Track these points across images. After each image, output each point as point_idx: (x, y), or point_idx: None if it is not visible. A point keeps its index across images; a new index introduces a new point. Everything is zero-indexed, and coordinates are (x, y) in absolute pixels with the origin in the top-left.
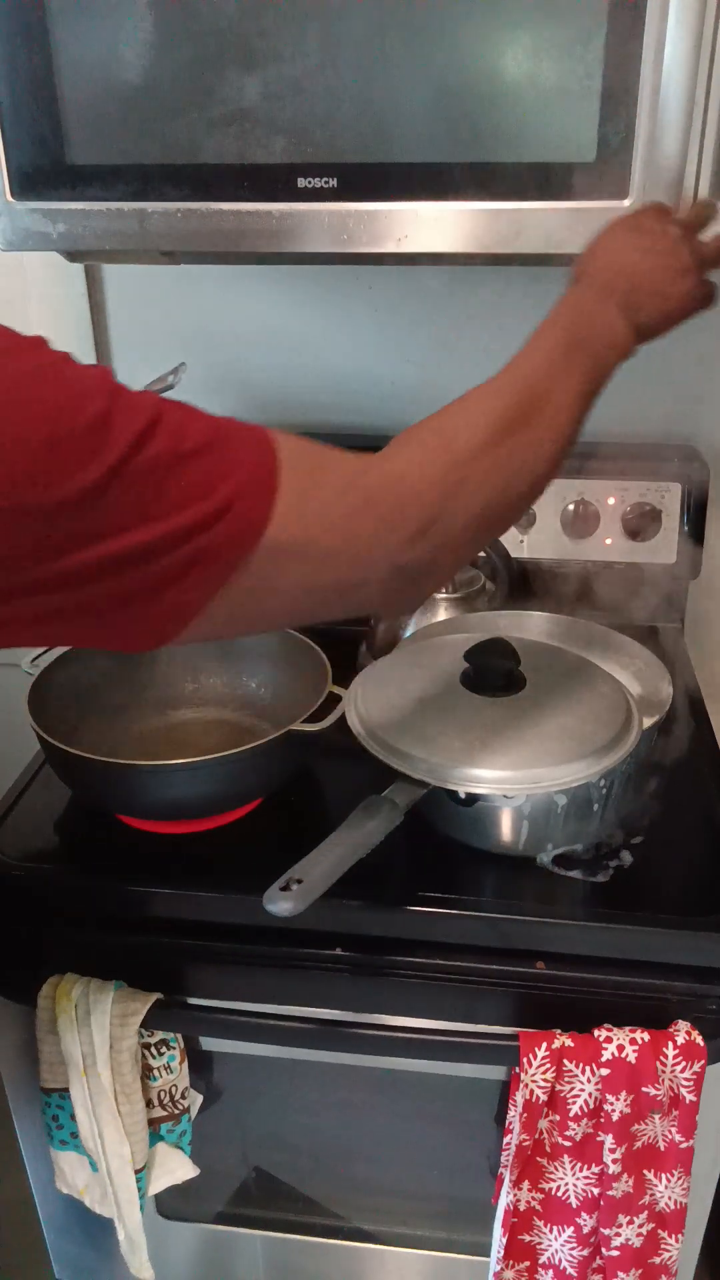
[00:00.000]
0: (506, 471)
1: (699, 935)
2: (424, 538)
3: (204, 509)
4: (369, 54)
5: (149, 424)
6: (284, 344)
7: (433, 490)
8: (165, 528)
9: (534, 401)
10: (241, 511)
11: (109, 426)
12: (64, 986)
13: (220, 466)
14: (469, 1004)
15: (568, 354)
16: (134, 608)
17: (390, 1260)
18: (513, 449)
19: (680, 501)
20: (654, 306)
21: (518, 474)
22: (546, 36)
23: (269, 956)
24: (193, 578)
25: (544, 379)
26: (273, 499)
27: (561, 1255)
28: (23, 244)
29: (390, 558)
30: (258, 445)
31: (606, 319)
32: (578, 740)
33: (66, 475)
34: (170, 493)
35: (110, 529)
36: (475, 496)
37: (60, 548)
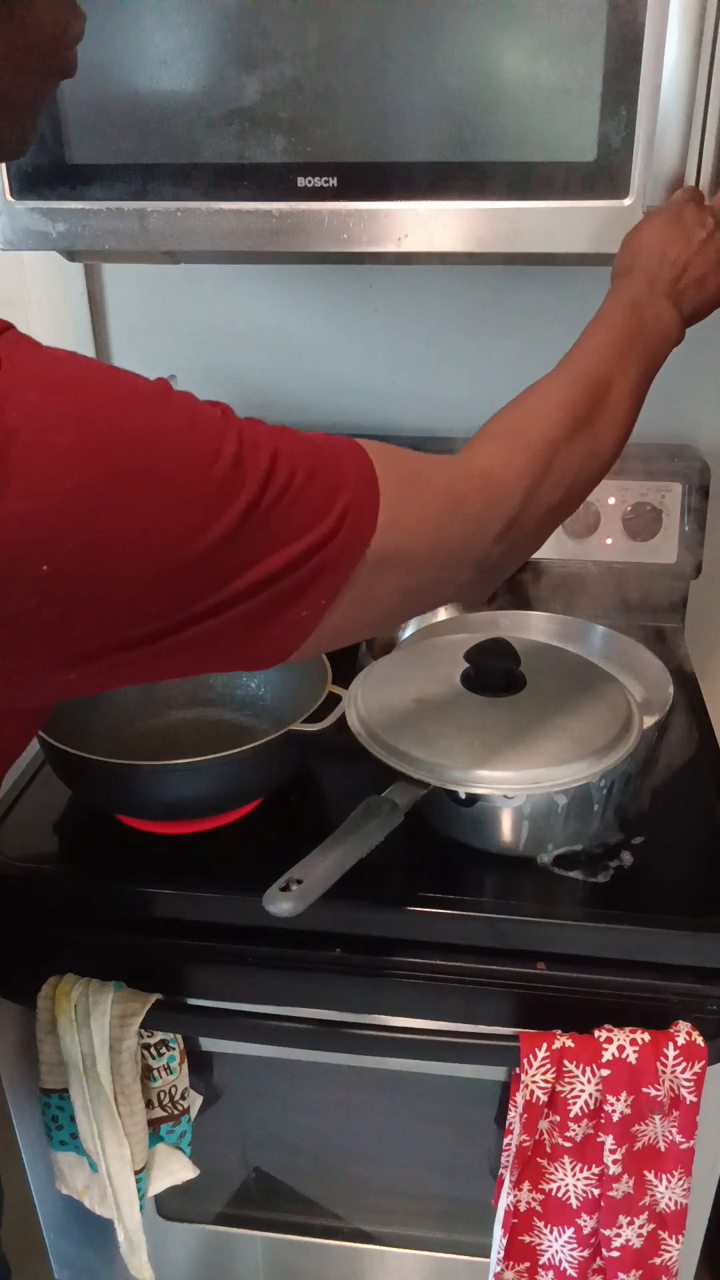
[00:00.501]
0: (578, 464)
1: (699, 935)
2: (507, 534)
3: (322, 529)
4: (369, 54)
5: (272, 459)
6: (284, 343)
7: (516, 489)
8: (292, 552)
9: (598, 395)
10: (352, 525)
11: (243, 469)
12: (64, 987)
13: (331, 486)
14: (469, 1004)
15: (626, 346)
16: (258, 631)
17: (390, 1261)
18: (583, 442)
19: (680, 501)
20: (696, 294)
21: (587, 465)
22: (546, 36)
23: (269, 957)
24: (312, 594)
25: (605, 372)
26: (375, 509)
27: (562, 1256)
28: (22, 244)
29: (476, 556)
30: (355, 459)
31: (658, 310)
32: (578, 740)
33: (213, 522)
34: (294, 519)
35: (245, 564)
36: (553, 491)
37: (200, 591)
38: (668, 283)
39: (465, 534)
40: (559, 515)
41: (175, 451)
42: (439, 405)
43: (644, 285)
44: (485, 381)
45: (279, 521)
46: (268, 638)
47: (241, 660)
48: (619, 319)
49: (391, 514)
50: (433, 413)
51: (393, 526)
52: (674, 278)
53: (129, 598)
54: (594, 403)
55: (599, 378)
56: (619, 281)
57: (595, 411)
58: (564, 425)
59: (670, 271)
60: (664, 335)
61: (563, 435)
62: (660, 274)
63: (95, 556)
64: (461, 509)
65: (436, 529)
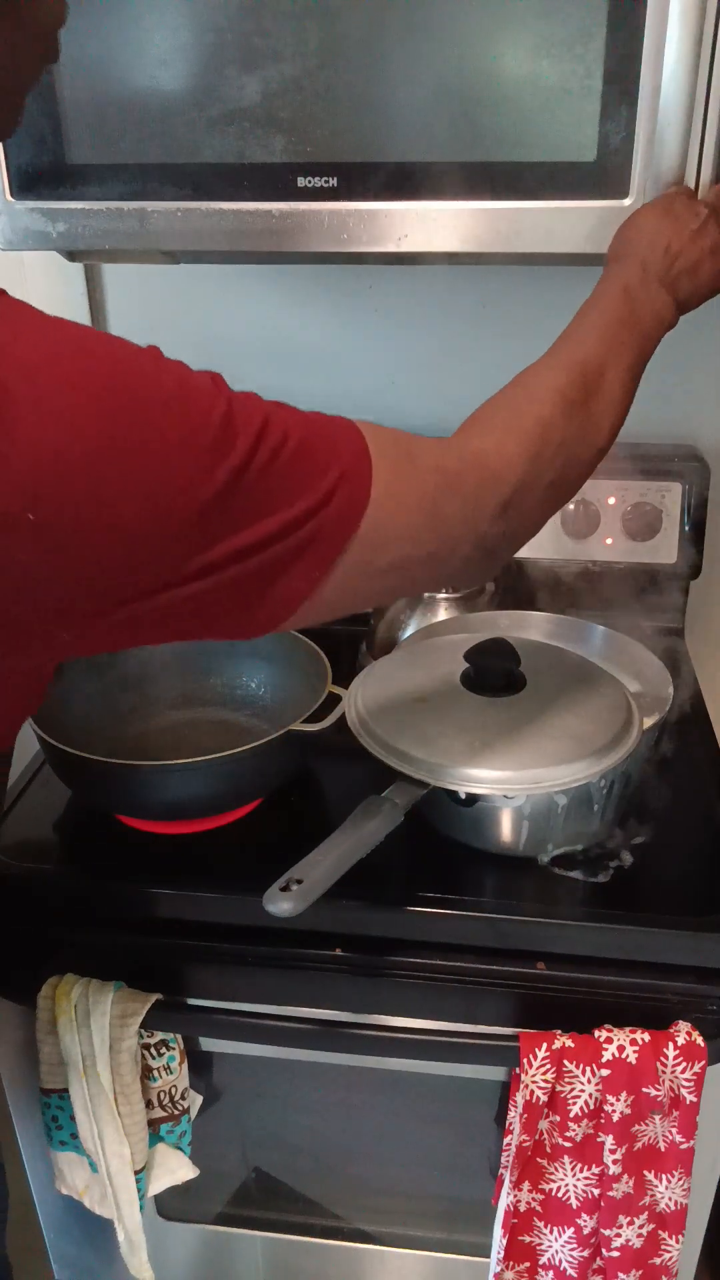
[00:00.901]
0: (572, 445)
1: (699, 935)
2: (504, 512)
3: (313, 497)
4: (369, 54)
5: (263, 424)
6: (284, 343)
7: (511, 468)
8: (284, 518)
9: (591, 376)
10: (345, 496)
11: (232, 430)
12: (64, 987)
13: (324, 456)
14: (469, 1004)
15: (617, 329)
16: (250, 597)
17: (390, 1261)
18: (577, 423)
19: (680, 501)
20: (690, 281)
21: (581, 446)
22: (546, 36)
23: (269, 957)
24: (304, 564)
25: (597, 354)
26: (369, 481)
27: (562, 1256)
28: (22, 244)
29: (474, 533)
30: (349, 433)
31: (650, 294)
32: (578, 740)
33: (205, 480)
34: (286, 485)
35: (237, 525)
36: (548, 471)
37: (192, 550)
38: (660, 269)
39: (461, 512)
40: (557, 496)
41: (167, 414)
42: (439, 405)
43: (636, 271)
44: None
45: (270, 486)
46: (261, 605)
47: (235, 626)
48: (610, 303)
49: (386, 489)
50: (433, 412)
51: (387, 501)
52: (667, 265)
53: (122, 554)
54: (587, 384)
55: (591, 360)
56: (611, 268)
57: (588, 393)
58: (557, 406)
59: (663, 259)
60: (657, 319)
61: (556, 416)
62: (652, 261)
63: (88, 513)
64: (457, 487)
65: (432, 506)
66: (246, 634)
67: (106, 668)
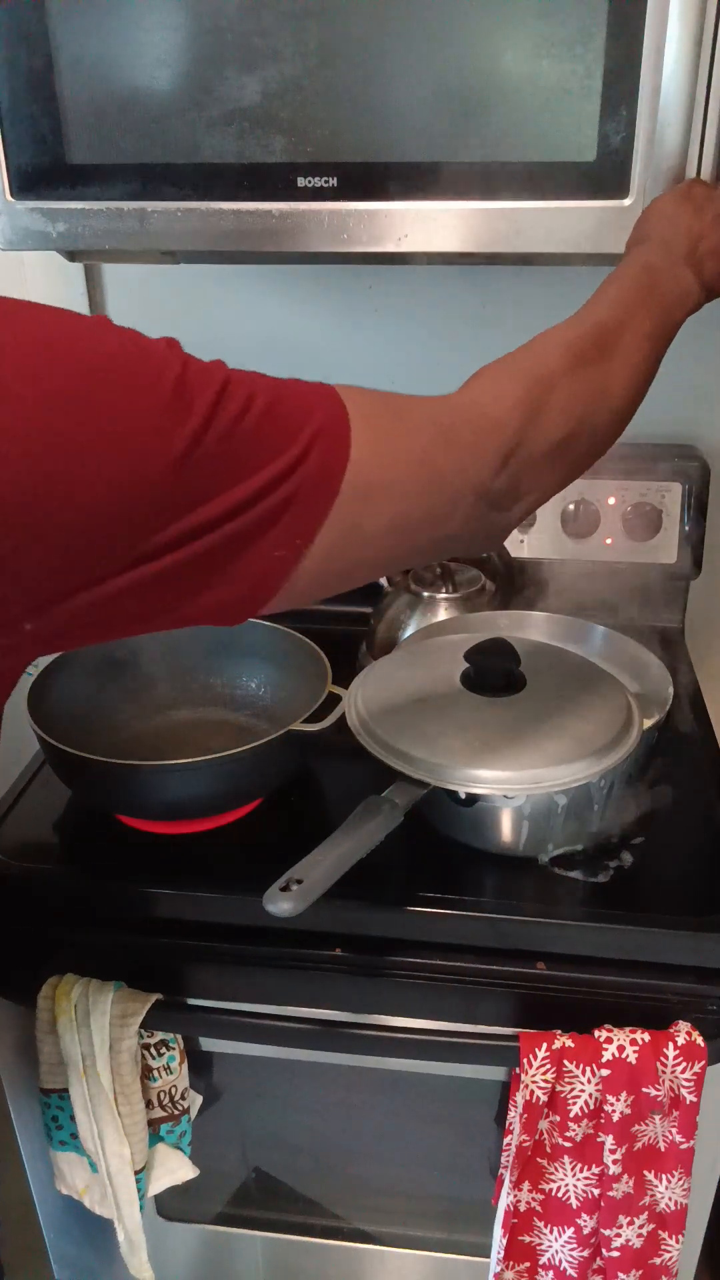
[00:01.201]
0: (584, 400)
1: (699, 935)
2: (506, 465)
3: (285, 460)
4: (369, 54)
5: (222, 385)
6: (284, 344)
7: (512, 416)
8: (254, 484)
9: (606, 336)
10: (320, 457)
11: (187, 393)
12: (63, 987)
13: (293, 418)
14: (469, 1004)
15: (639, 300)
16: (227, 570)
17: (390, 1261)
18: (588, 379)
19: (680, 501)
20: (715, 265)
21: (594, 404)
22: (546, 36)
23: (269, 957)
24: (282, 530)
25: (614, 317)
26: (347, 440)
27: (562, 1256)
28: (22, 244)
29: (475, 487)
30: (323, 394)
31: (674, 271)
32: (578, 740)
33: (162, 445)
34: (253, 449)
35: (205, 493)
36: (555, 424)
37: (158, 520)
38: (684, 250)
39: (458, 464)
40: (570, 458)
41: (115, 377)
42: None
43: (659, 250)
44: None
45: (236, 451)
46: (239, 579)
47: (216, 605)
48: (631, 276)
49: (370, 446)
50: None
51: (372, 458)
52: (690, 246)
53: (80, 529)
54: (600, 342)
55: (607, 321)
56: (631, 252)
57: (602, 351)
58: (564, 360)
59: (685, 240)
60: (680, 296)
61: (562, 369)
62: (675, 242)
63: (41, 486)
64: (451, 439)
65: (424, 459)
66: (234, 614)
67: (107, 667)
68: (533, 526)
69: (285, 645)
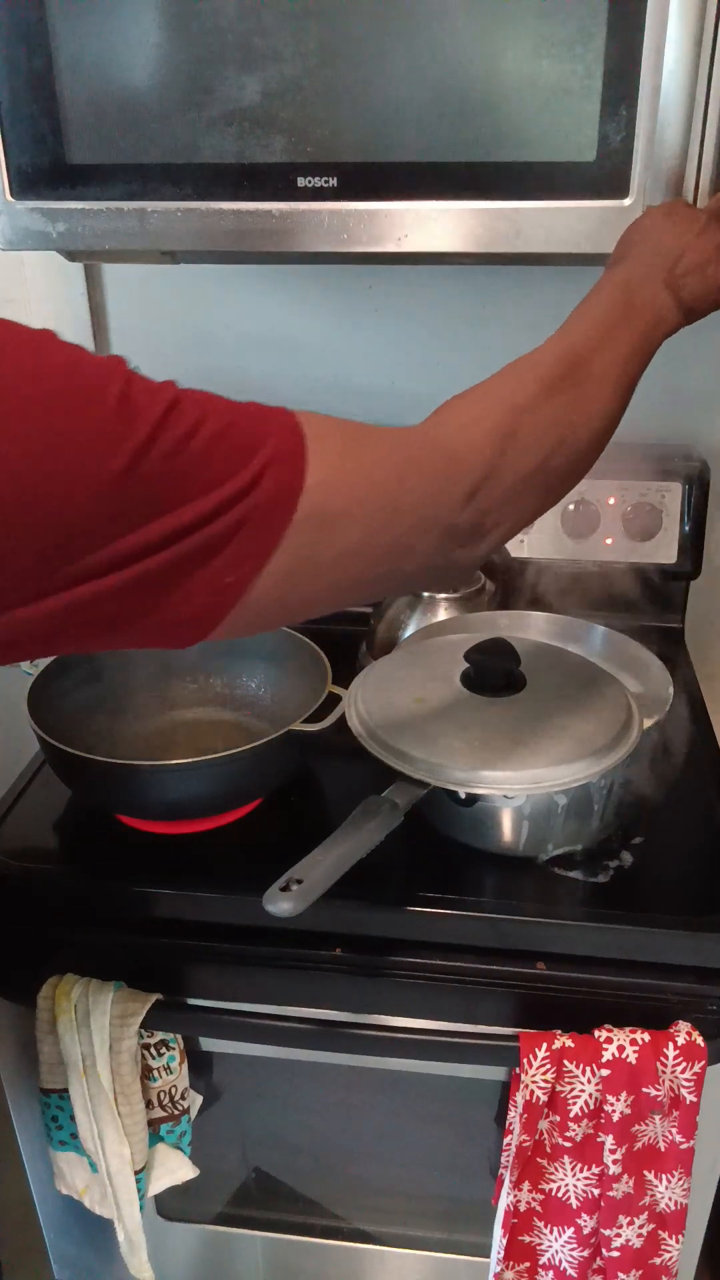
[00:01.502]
0: (556, 430)
1: (699, 935)
2: (472, 499)
3: (235, 484)
4: (369, 54)
5: (170, 405)
6: (284, 343)
7: (481, 447)
8: (201, 507)
9: (580, 362)
10: (273, 482)
11: (130, 410)
12: (63, 987)
13: (246, 442)
14: (469, 1004)
15: (615, 322)
16: (173, 593)
17: (390, 1261)
18: (560, 407)
19: (680, 501)
20: (697, 284)
21: (567, 434)
22: (546, 36)
23: (269, 957)
24: (231, 556)
25: (590, 342)
26: (302, 467)
27: (562, 1256)
28: (22, 244)
29: (440, 519)
30: (281, 419)
31: (652, 292)
32: (578, 740)
33: (102, 462)
34: (199, 472)
35: (148, 514)
36: (526, 454)
37: (97, 539)
38: (663, 269)
39: (422, 496)
40: (546, 486)
41: (54, 391)
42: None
43: (638, 269)
44: None
45: (182, 472)
46: (187, 602)
47: (161, 627)
48: (606, 297)
49: (327, 474)
50: None
51: (329, 485)
52: (670, 265)
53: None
54: (571, 370)
55: (579, 345)
56: (611, 269)
57: (573, 379)
58: (533, 390)
59: (665, 258)
60: (657, 317)
61: (531, 400)
62: (655, 261)
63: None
64: (414, 470)
65: (385, 490)
66: (181, 637)
67: (106, 668)
68: (533, 526)
69: (285, 645)
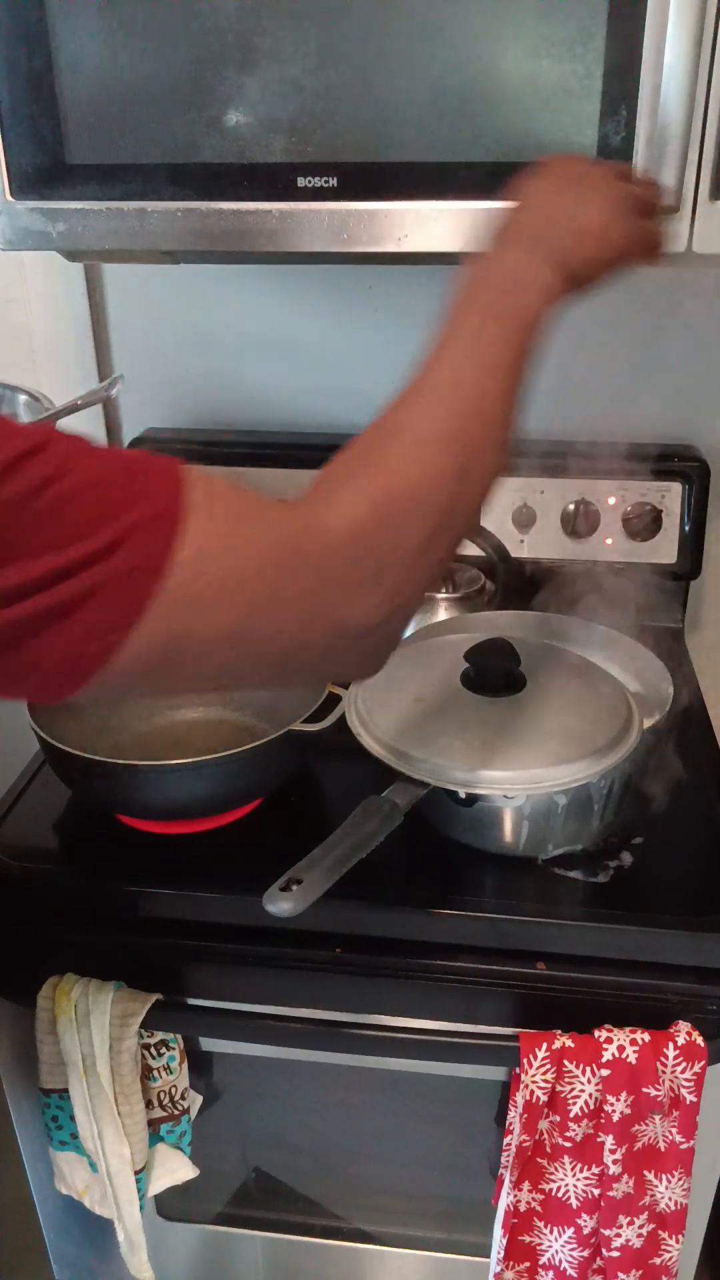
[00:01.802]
0: (450, 488)
1: (699, 935)
2: (366, 585)
3: (91, 545)
4: (369, 54)
5: (26, 452)
6: (284, 343)
7: (368, 532)
8: (46, 565)
9: (466, 405)
10: (135, 549)
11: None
12: (63, 987)
13: (111, 503)
14: (469, 1004)
15: (489, 334)
16: (23, 652)
17: (390, 1261)
18: (452, 461)
19: (680, 501)
20: (592, 249)
21: (462, 486)
22: (546, 36)
23: (269, 957)
24: (84, 622)
25: (471, 374)
26: (174, 534)
27: (562, 1256)
28: (22, 244)
29: (335, 616)
30: (163, 482)
31: (529, 275)
32: (578, 740)
33: None
34: (52, 526)
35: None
36: (419, 526)
37: None
38: (553, 239)
39: (312, 587)
40: (441, 545)
41: None
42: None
43: (518, 250)
44: None
45: (28, 522)
46: (40, 664)
47: (17, 683)
48: (481, 302)
49: (199, 550)
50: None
51: (200, 564)
52: (560, 233)
53: None
54: (461, 416)
55: (463, 386)
56: (492, 249)
57: (463, 426)
58: (426, 451)
59: (556, 227)
60: (536, 304)
61: (425, 462)
62: (544, 231)
63: None
64: (298, 560)
65: (264, 578)
66: (41, 696)
67: None
68: (533, 526)
69: None
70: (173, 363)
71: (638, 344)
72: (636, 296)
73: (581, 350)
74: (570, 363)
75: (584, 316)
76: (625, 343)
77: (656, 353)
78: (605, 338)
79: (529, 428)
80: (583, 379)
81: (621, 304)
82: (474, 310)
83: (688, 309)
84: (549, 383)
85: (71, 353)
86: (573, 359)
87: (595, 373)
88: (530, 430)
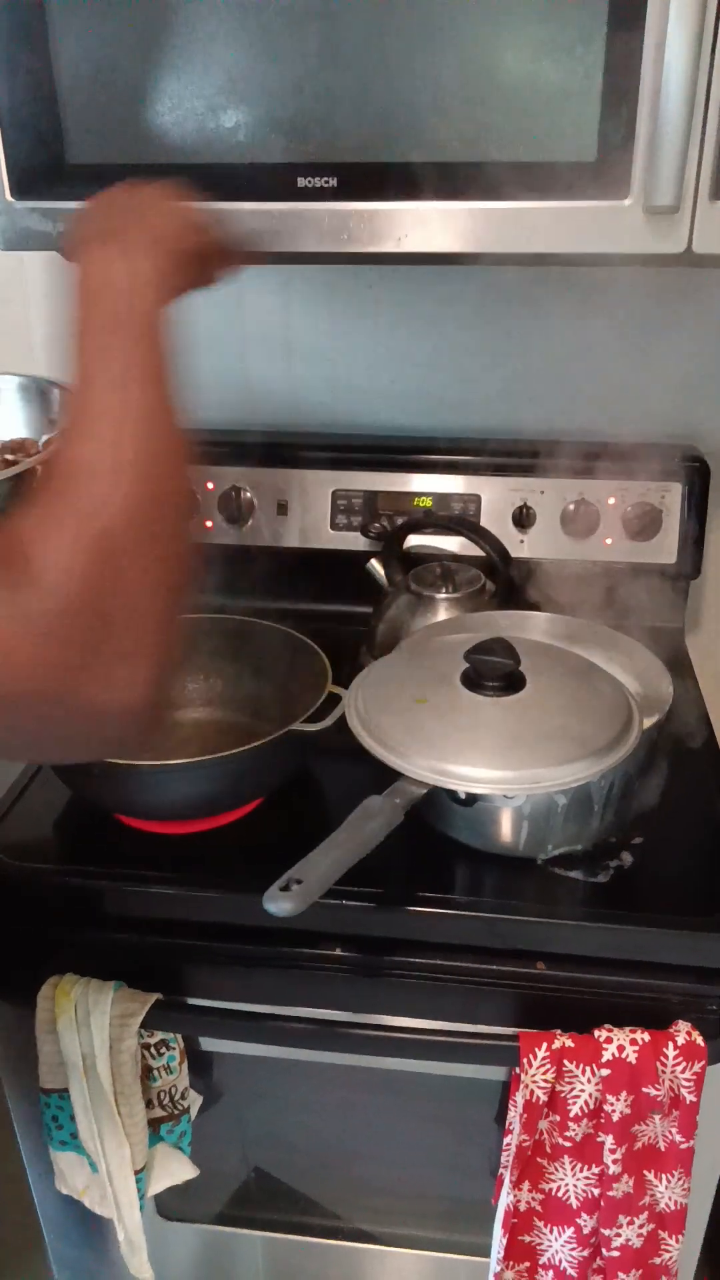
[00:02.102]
0: (152, 509)
1: (699, 935)
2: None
3: None
4: (369, 54)
5: None
6: (284, 343)
7: (93, 578)
8: None
9: (137, 425)
10: None
11: None
12: (63, 987)
13: None
14: (469, 1004)
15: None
16: None
17: (390, 1261)
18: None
19: (680, 501)
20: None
21: (162, 504)
22: (547, 36)
23: (269, 956)
24: None
25: (118, 396)
26: None
27: (562, 1256)
28: (23, 244)
29: (66, 697)
30: None
31: (123, 277)
32: (578, 740)
33: None
34: None
35: None
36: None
37: None
38: (130, 230)
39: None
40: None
41: None
42: (439, 405)
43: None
44: (485, 381)
45: None
46: None
47: None
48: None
49: None
50: (433, 412)
51: None
52: (138, 220)
53: None
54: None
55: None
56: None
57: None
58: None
59: (129, 216)
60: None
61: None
62: (119, 228)
63: None
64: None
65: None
66: None
67: None
68: (533, 526)
69: (285, 645)
70: None
71: (638, 344)
72: (637, 296)
73: (582, 350)
74: (571, 363)
75: (584, 317)
76: (625, 342)
77: (657, 352)
78: (605, 338)
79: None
80: (583, 379)
81: (622, 304)
82: (92, 331)
83: (688, 309)
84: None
85: None
86: (573, 359)
87: (595, 373)
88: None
